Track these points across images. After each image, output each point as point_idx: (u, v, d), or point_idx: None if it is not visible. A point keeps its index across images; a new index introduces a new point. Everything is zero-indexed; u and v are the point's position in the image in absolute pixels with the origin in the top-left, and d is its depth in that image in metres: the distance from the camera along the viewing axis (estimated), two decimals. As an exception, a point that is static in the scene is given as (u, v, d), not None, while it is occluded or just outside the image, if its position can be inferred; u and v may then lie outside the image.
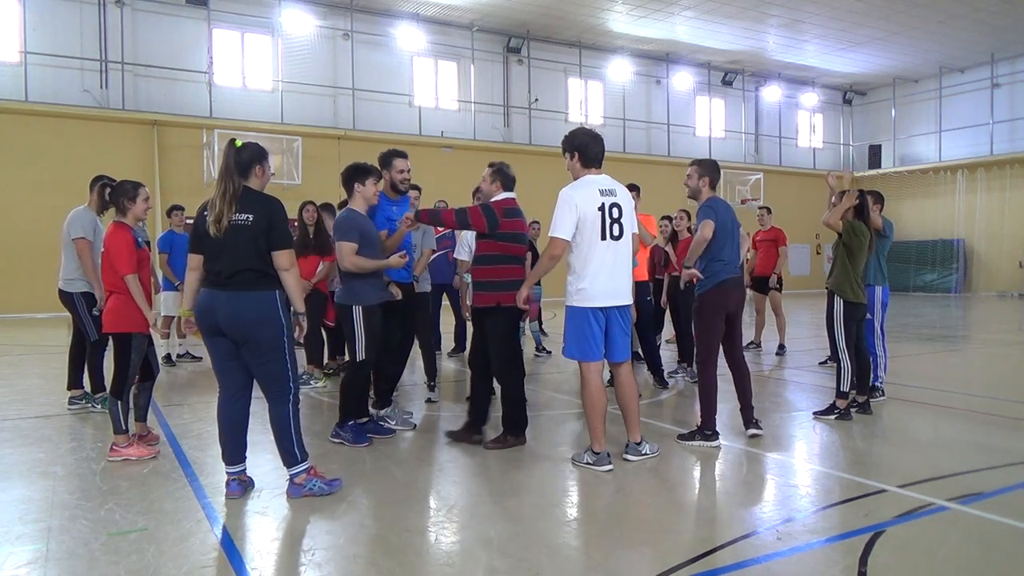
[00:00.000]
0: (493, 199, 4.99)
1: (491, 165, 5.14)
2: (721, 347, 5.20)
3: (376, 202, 5.17)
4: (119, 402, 4.61)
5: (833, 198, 5.93)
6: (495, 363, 4.97)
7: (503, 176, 5.04)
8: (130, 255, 4.62)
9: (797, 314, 10.41)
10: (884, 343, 6.56)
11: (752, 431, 5.09)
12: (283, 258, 3.81)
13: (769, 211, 10.09)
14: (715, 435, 4.95)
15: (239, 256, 3.72)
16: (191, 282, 3.96)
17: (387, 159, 5.48)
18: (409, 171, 5.55)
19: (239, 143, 3.87)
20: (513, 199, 5.01)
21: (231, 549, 3.25)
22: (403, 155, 5.52)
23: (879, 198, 6.45)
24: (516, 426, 4.96)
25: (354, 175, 5.04)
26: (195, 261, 3.90)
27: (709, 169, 5.21)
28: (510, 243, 4.90)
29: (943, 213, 25.89)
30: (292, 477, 3.90)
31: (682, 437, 5.07)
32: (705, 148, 25.18)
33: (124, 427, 4.62)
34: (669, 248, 8.01)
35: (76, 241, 5.80)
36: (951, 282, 25.13)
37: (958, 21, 20.65)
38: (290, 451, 3.88)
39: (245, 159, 3.83)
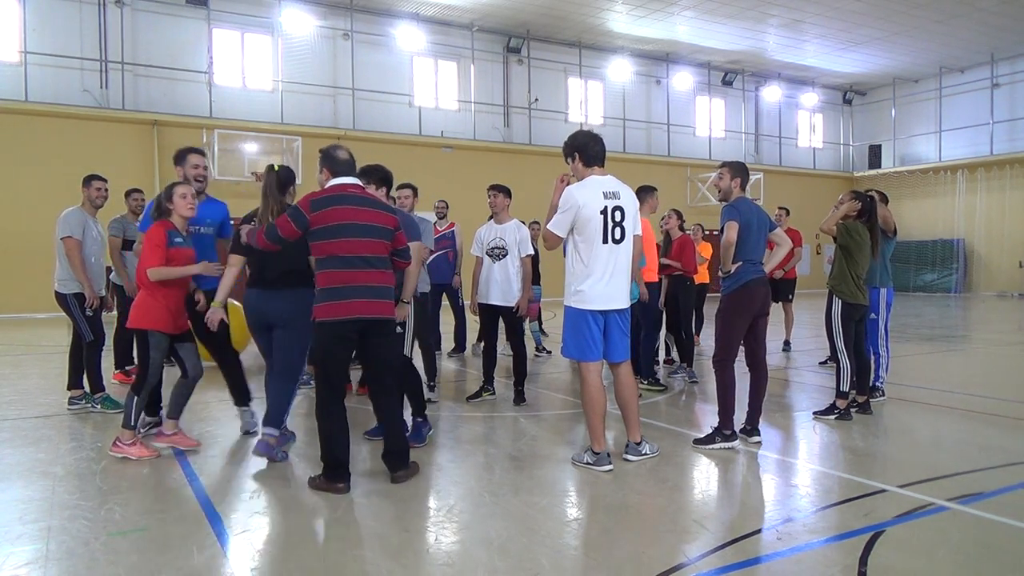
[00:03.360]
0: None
1: (319, 152, 4.37)
2: (743, 346, 5.16)
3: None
4: (136, 398, 4.61)
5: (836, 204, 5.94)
6: (316, 386, 4.13)
7: (328, 160, 4.19)
8: (152, 251, 4.55)
9: (797, 314, 10.41)
10: (888, 343, 6.57)
11: (755, 438, 5.03)
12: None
13: (788, 212, 10.10)
14: (734, 435, 4.91)
15: (289, 261, 4.44)
16: (228, 278, 4.56)
17: (181, 155, 5.16)
18: (205, 168, 5.21)
19: (277, 166, 4.53)
20: (342, 185, 4.09)
21: (231, 549, 3.25)
22: (199, 151, 5.25)
23: (884, 198, 6.46)
24: (330, 469, 3.98)
25: None
26: (236, 260, 4.58)
27: (739, 170, 5.17)
28: (324, 241, 3.96)
29: (943, 213, 25.89)
30: (267, 434, 4.48)
31: (699, 442, 4.96)
32: (705, 148, 25.19)
33: (133, 424, 4.62)
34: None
35: (64, 240, 5.81)
36: (951, 282, 25.12)
37: (958, 21, 20.65)
38: (281, 414, 4.57)
39: (284, 179, 4.53)
